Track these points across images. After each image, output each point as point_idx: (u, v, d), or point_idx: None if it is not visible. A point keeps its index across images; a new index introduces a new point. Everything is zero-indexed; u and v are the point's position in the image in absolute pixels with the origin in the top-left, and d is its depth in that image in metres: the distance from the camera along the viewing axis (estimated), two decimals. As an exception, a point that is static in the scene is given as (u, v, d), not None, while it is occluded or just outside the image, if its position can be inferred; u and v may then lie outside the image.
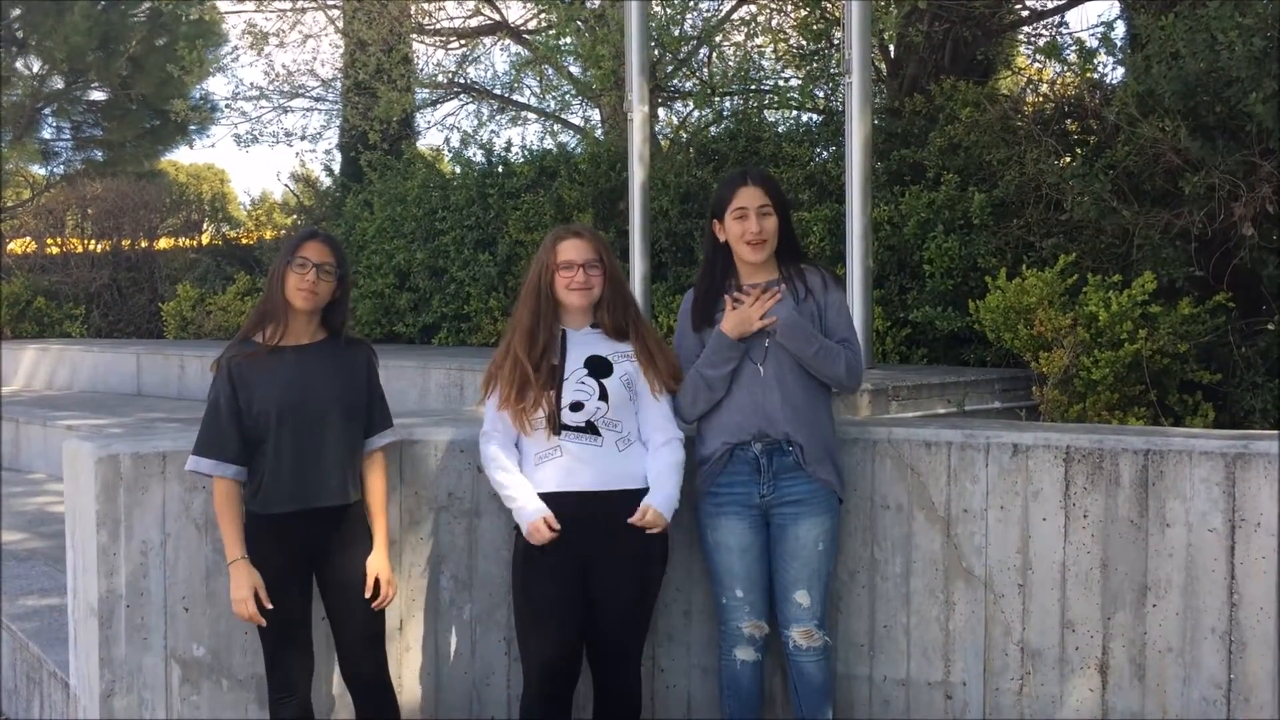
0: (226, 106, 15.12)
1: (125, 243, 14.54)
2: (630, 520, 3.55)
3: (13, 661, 4.88)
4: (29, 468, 8.84)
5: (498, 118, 13.95)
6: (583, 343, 3.67)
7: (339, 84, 13.61)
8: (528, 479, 3.62)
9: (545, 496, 3.59)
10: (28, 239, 15.43)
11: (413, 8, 12.59)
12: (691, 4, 9.84)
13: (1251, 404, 5.56)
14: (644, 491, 3.62)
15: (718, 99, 10.34)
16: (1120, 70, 7.21)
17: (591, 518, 3.57)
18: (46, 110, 18.31)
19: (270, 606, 3.45)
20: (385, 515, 3.68)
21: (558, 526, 3.52)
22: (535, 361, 3.58)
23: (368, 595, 3.57)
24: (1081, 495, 3.75)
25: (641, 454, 3.67)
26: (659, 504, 3.58)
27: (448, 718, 3.99)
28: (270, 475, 3.47)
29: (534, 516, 3.54)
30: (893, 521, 3.95)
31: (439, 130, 23.43)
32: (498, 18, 12.93)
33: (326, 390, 3.52)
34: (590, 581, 3.60)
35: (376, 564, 3.60)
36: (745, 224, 3.68)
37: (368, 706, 3.63)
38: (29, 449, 8.89)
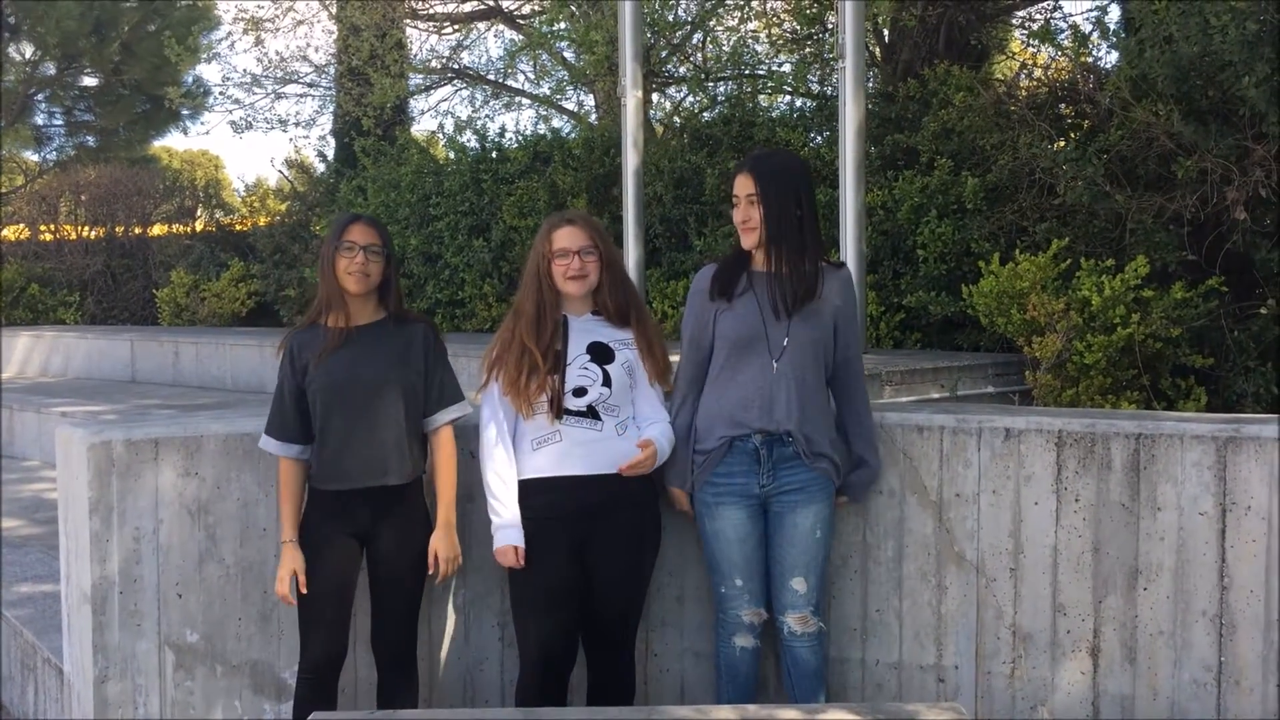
0: (220, 93, 15.10)
1: (119, 229, 14.51)
2: (621, 467, 3.56)
3: (7, 648, 4.89)
4: (23, 454, 8.84)
5: (491, 103, 13.93)
6: (584, 329, 3.68)
7: (332, 70, 13.58)
8: (525, 463, 3.63)
9: (542, 481, 3.60)
10: (21, 225, 15.40)
11: (406, -8, 12.57)
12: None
13: (1244, 388, 5.57)
14: (640, 477, 3.63)
15: (711, 84, 10.32)
16: (1114, 54, 7.21)
17: (588, 501, 3.59)
18: (39, 96, 18.26)
19: (305, 592, 3.51)
20: (451, 493, 3.69)
21: (523, 563, 3.57)
22: (543, 349, 3.60)
23: (430, 571, 3.62)
24: (1073, 479, 3.75)
25: (637, 437, 3.68)
26: (658, 436, 3.63)
27: (441, 704, 4.00)
28: (328, 454, 3.55)
29: (510, 540, 3.58)
30: (885, 506, 3.96)
31: (433, 116, 23.37)
32: (491, 3, 12.89)
33: (379, 369, 3.56)
34: (586, 564, 3.62)
35: (436, 541, 3.64)
36: (735, 211, 3.72)
37: (390, 682, 3.67)
38: (23, 436, 8.89)
